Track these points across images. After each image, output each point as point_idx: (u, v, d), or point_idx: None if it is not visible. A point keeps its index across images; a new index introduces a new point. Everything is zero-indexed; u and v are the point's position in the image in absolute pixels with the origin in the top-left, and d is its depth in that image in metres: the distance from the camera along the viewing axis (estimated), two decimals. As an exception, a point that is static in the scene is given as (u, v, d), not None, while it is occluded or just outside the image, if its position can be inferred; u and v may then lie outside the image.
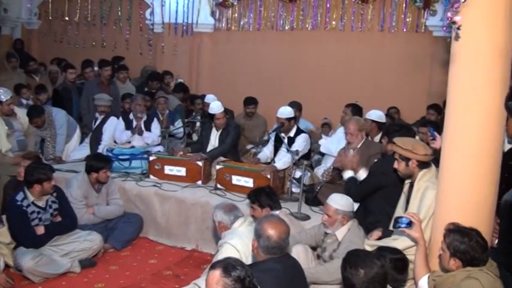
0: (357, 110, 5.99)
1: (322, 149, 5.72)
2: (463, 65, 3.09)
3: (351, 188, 4.31)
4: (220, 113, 5.86)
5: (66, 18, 10.20)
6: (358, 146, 4.97)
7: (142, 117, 6.43)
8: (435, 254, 3.21)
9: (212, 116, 5.90)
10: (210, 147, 5.98)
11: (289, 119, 5.64)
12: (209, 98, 6.86)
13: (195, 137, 7.00)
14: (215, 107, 5.89)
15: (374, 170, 4.33)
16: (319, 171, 5.49)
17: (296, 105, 6.30)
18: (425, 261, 3.22)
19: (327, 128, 7.39)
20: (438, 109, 6.50)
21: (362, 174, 4.47)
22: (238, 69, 8.85)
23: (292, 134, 5.68)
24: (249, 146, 6.80)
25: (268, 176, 5.17)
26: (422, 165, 3.68)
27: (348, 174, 4.51)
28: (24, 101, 7.29)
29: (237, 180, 5.39)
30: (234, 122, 6.30)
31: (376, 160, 4.64)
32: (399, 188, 3.95)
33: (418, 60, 7.55)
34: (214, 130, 6.02)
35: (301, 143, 5.55)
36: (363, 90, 7.61)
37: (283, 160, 5.49)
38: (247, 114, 7.24)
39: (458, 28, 3.03)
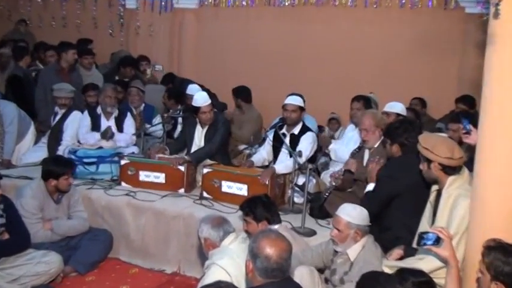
0: (368, 103, 6.03)
1: (332, 157, 5.77)
2: (504, 48, 3.08)
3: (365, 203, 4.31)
4: (207, 105, 5.82)
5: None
6: (376, 145, 4.98)
7: (113, 112, 6.42)
8: (471, 278, 3.21)
9: (196, 110, 5.87)
10: (194, 148, 5.95)
11: (301, 108, 5.66)
12: (192, 88, 6.81)
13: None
14: (200, 98, 5.85)
15: (381, 176, 4.38)
16: (327, 176, 5.51)
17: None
18: (458, 286, 3.21)
19: (335, 124, 7.40)
20: (470, 102, 6.50)
21: (369, 186, 4.52)
22: (228, 54, 8.85)
23: (296, 131, 5.67)
24: (241, 147, 6.81)
25: (266, 182, 5.17)
26: (449, 170, 3.70)
27: (369, 187, 4.51)
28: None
29: (227, 187, 5.38)
30: (223, 117, 6.28)
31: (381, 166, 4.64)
32: (420, 196, 4.00)
33: (446, 42, 7.57)
34: (199, 127, 5.99)
35: (307, 144, 5.52)
36: (378, 79, 7.64)
37: (284, 163, 5.49)
38: (236, 106, 7.22)
39: (497, 3, 3.01)
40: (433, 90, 7.43)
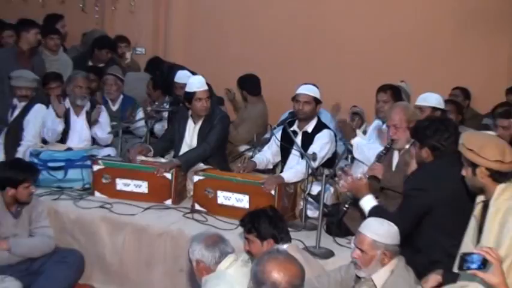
0: (398, 94, 6.02)
1: (356, 153, 5.71)
2: None
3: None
4: (203, 91, 5.84)
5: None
6: (407, 146, 4.96)
7: (84, 106, 6.46)
8: (525, 309, 3.18)
9: (190, 97, 5.86)
10: (184, 148, 5.98)
11: (316, 101, 5.67)
12: (182, 75, 6.87)
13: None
14: (195, 81, 5.89)
15: (408, 189, 4.37)
16: None
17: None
18: (509, 320, 3.21)
19: (357, 120, 7.28)
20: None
21: (367, 202, 4.51)
22: (226, 35, 8.93)
23: (310, 128, 5.69)
24: (242, 148, 6.85)
25: (272, 192, 5.16)
26: (498, 176, 3.67)
27: (368, 202, 4.49)
28: None
29: (224, 197, 5.39)
30: (222, 111, 6.28)
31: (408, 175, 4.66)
32: (460, 210, 4.00)
33: (495, 19, 7.58)
34: (191, 122, 6.02)
35: (322, 144, 5.55)
36: (411, 65, 7.65)
37: (294, 169, 5.47)
38: (242, 99, 7.33)
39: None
40: (478, 78, 7.43)
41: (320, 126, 5.70)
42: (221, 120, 5.97)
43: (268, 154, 5.92)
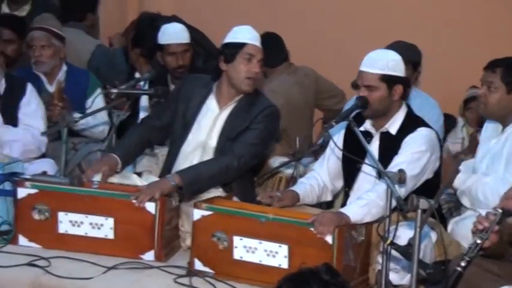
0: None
1: (465, 201, 5.89)
2: None
3: None
4: (259, 48, 5.83)
5: None
6: None
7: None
8: None
9: (231, 54, 5.78)
10: (190, 152, 5.98)
11: (392, 80, 5.37)
12: (171, 31, 7.10)
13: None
14: (246, 31, 5.88)
15: None
16: (464, 227, 5.49)
17: (406, 51, 6.13)
18: None
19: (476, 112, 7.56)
20: None
21: None
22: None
23: (393, 128, 5.58)
24: (275, 161, 7.03)
25: (329, 240, 4.98)
26: None
27: None
28: None
29: (246, 249, 5.28)
30: (269, 101, 6.19)
31: None
32: None
33: None
34: (212, 102, 6.00)
35: (415, 154, 5.41)
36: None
37: (366, 199, 5.32)
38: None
39: None
40: None
41: (411, 123, 5.57)
42: (268, 117, 5.91)
43: (322, 175, 5.86)
